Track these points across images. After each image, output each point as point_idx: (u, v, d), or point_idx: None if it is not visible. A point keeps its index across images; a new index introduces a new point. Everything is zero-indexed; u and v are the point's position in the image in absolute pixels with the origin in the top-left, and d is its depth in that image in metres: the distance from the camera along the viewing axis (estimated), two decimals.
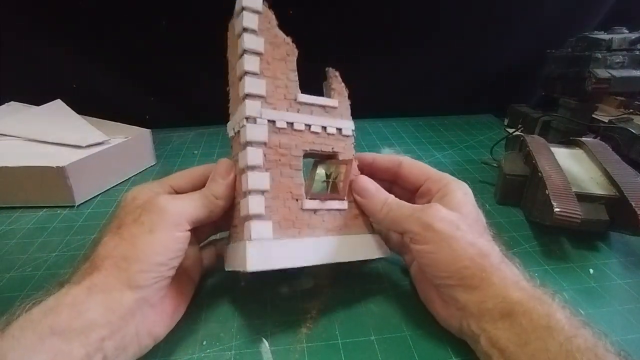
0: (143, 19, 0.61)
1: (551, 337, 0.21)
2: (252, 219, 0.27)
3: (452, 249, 0.26)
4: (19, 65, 0.62)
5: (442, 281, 0.27)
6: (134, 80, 0.66)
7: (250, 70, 0.28)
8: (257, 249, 0.27)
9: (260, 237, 0.27)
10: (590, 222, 0.36)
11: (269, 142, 0.29)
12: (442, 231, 0.26)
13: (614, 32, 0.52)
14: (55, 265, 0.36)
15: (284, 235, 0.28)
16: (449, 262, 0.26)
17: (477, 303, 0.25)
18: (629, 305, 0.31)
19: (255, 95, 0.28)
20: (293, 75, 0.30)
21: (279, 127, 0.29)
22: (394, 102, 0.74)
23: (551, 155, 0.43)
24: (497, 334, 0.23)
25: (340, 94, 0.33)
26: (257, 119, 0.28)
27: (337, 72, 0.33)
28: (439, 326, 0.29)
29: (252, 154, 0.28)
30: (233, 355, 0.27)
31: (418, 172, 0.32)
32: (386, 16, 0.66)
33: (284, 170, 0.29)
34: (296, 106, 0.30)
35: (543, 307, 0.23)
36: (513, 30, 0.70)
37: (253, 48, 0.28)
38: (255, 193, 0.28)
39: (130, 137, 0.53)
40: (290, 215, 0.29)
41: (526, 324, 0.22)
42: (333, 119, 0.32)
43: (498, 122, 0.75)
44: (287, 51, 0.30)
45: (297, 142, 0.30)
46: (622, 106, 0.63)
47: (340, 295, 0.32)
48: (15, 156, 0.46)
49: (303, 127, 0.30)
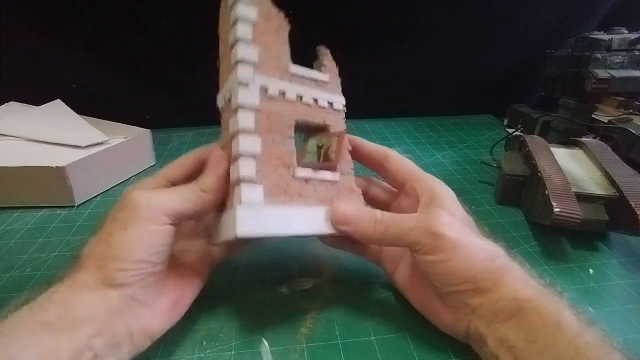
0: (143, 19, 0.61)
1: (560, 334, 0.21)
2: (242, 182, 0.26)
3: (465, 256, 0.25)
4: (19, 65, 0.62)
5: (454, 288, 0.25)
6: (133, 80, 0.66)
7: (243, 37, 0.28)
8: (247, 213, 0.25)
9: (251, 200, 0.26)
10: (589, 222, 0.36)
11: (260, 108, 0.28)
12: (454, 239, 0.25)
13: (614, 33, 0.52)
14: (55, 265, 0.36)
15: (274, 202, 0.27)
16: (463, 270, 0.25)
17: (489, 305, 0.24)
18: (629, 306, 0.31)
19: (248, 61, 0.28)
20: (285, 48, 0.30)
21: (271, 95, 0.29)
22: (393, 102, 0.74)
23: (551, 155, 0.43)
24: (507, 332, 0.23)
25: (331, 70, 0.33)
26: (249, 84, 0.28)
27: (327, 49, 0.34)
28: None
29: (243, 117, 0.27)
30: (233, 356, 0.27)
31: (403, 169, 0.32)
32: (386, 16, 0.66)
33: (275, 137, 0.28)
34: (288, 76, 0.30)
35: (552, 304, 0.23)
36: (513, 30, 0.70)
37: (247, 16, 0.28)
38: (246, 156, 0.26)
39: (130, 137, 0.53)
40: (282, 182, 0.28)
41: (535, 321, 0.22)
42: (324, 92, 0.32)
43: (498, 122, 0.75)
44: (279, 24, 0.30)
45: (289, 111, 0.30)
46: (622, 106, 0.63)
47: (340, 295, 0.32)
48: (15, 156, 0.46)
49: (295, 97, 0.30)
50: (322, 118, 0.32)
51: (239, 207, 0.25)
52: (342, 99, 0.33)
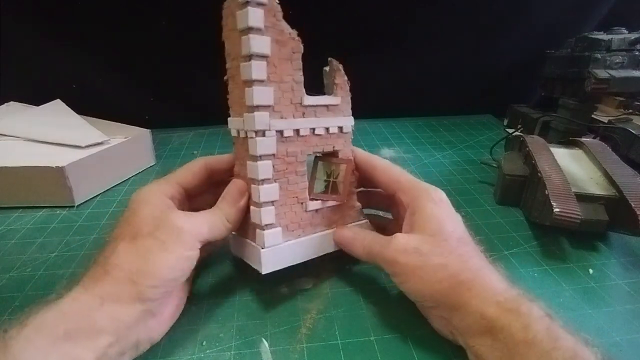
0: (143, 19, 0.61)
1: (531, 352, 0.21)
2: (264, 229, 0.29)
3: (419, 278, 0.26)
4: (19, 65, 0.62)
5: (422, 304, 0.28)
6: (134, 80, 0.66)
7: (257, 78, 0.27)
8: (270, 254, 0.30)
9: (272, 244, 0.30)
10: (589, 222, 0.36)
11: (277, 152, 0.29)
12: (406, 264, 0.27)
13: (614, 33, 0.52)
14: (55, 266, 0.36)
15: (290, 236, 0.31)
16: (420, 290, 0.27)
17: (459, 321, 0.25)
18: (629, 306, 0.31)
19: (264, 106, 0.28)
20: (299, 76, 0.29)
21: (286, 136, 0.29)
22: (393, 102, 0.74)
23: (551, 155, 0.43)
24: (482, 349, 0.24)
25: (343, 89, 0.33)
26: (266, 132, 0.28)
27: (340, 64, 0.32)
28: None
29: (263, 168, 0.29)
30: (233, 356, 0.27)
31: (389, 180, 0.32)
32: (386, 17, 0.66)
33: (290, 177, 0.30)
34: (301, 110, 0.30)
35: (519, 321, 0.22)
36: (513, 30, 0.70)
37: (259, 52, 0.27)
38: (266, 204, 0.29)
39: (130, 137, 0.53)
40: (296, 218, 0.31)
41: (506, 340, 0.22)
42: (335, 118, 0.32)
43: (498, 123, 0.75)
44: (293, 48, 0.29)
45: (303, 147, 0.31)
46: (622, 106, 0.63)
47: (340, 295, 0.32)
48: (14, 156, 0.46)
49: (308, 131, 0.31)
50: (331, 145, 0.33)
51: (263, 252, 0.29)
52: (351, 119, 0.33)
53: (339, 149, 0.33)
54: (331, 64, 0.33)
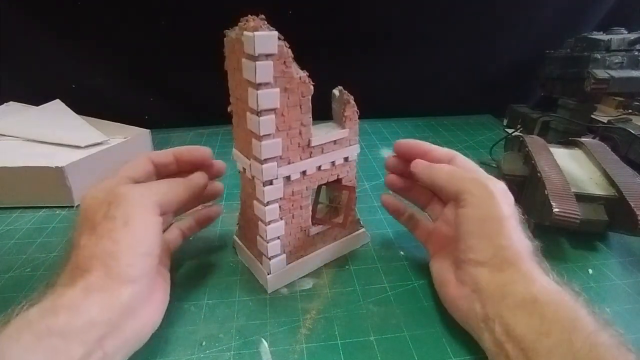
0: (143, 19, 0.61)
1: (576, 330, 0.21)
2: (270, 259, 0.31)
3: (501, 222, 0.26)
4: (18, 65, 0.62)
5: (474, 255, 0.27)
6: (133, 81, 0.66)
7: (266, 133, 0.26)
8: (275, 278, 0.32)
9: (278, 269, 0.32)
10: (589, 222, 0.36)
11: (283, 195, 0.30)
12: (498, 201, 0.27)
13: (613, 33, 0.52)
14: (54, 266, 0.36)
15: (294, 258, 0.33)
16: (492, 234, 0.26)
17: (500, 285, 0.25)
18: (628, 306, 0.32)
19: (272, 158, 0.28)
20: (307, 119, 0.28)
21: (293, 179, 0.30)
22: (393, 102, 0.74)
23: (550, 155, 0.43)
24: (515, 321, 0.23)
25: (352, 120, 0.32)
26: (274, 181, 0.29)
27: (351, 96, 0.31)
28: (439, 326, 0.29)
29: (271, 212, 0.30)
30: (232, 356, 0.27)
31: (453, 181, 0.31)
32: (386, 17, 0.66)
33: (296, 212, 0.32)
34: (309, 150, 0.30)
35: (568, 300, 0.23)
36: (512, 30, 0.70)
37: (268, 107, 0.25)
38: (273, 240, 0.31)
39: (130, 138, 0.52)
40: (299, 243, 0.33)
41: (550, 315, 0.22)
42: (341, 150, 0.32)
43: (497, 123, 0.75)
44: (302, 92, 0.27)
45: (308, 184, 0.31)
46: (621, 106, 0.63)
47: (340, 295, 0.32)
48: (14, 156, 0.45)
49: (314, 170, 0.31)
50: (336, 174, 0.33)
51: (269, 277, 0.32)
52: (357, 147, 0.33)
53: (343, 176, 0.34)
54: (341, 94, 0.31)
